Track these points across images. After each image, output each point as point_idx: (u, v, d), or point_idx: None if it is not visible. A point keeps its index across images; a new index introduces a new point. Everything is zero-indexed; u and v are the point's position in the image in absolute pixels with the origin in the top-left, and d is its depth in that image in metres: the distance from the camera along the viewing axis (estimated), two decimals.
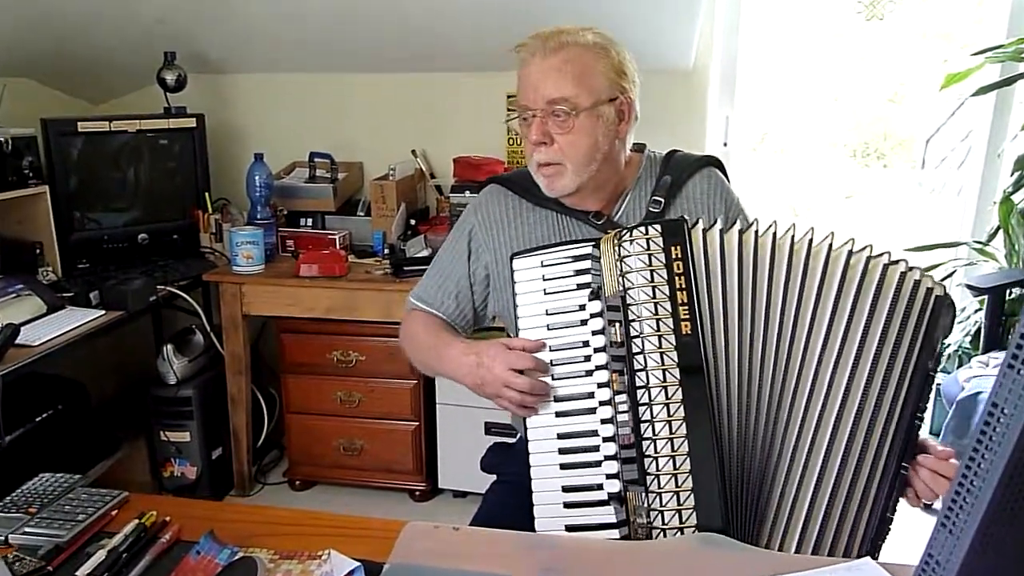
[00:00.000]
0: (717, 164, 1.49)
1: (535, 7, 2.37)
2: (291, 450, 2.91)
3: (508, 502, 1.41)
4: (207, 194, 2.90)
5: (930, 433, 2.80)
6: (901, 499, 1.17)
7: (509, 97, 2.91)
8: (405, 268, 2.59)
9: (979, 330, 2.65)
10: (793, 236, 1.17)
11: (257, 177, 2.79)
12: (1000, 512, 0.44)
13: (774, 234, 1.17)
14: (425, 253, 2.72)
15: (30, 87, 2.88)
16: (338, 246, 2.81)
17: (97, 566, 0.96)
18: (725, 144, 3.00)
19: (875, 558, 1.12)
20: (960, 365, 2.72)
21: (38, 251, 2.49)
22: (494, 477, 1.57)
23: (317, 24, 2.74)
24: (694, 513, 1.09)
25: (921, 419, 1.16)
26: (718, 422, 1.13)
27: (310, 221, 2.97)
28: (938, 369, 1.17)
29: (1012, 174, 2.66)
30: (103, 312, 2.32)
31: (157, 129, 2.81)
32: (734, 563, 0.99)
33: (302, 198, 2.96)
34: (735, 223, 1.21)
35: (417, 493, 2.84)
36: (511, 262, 1.28)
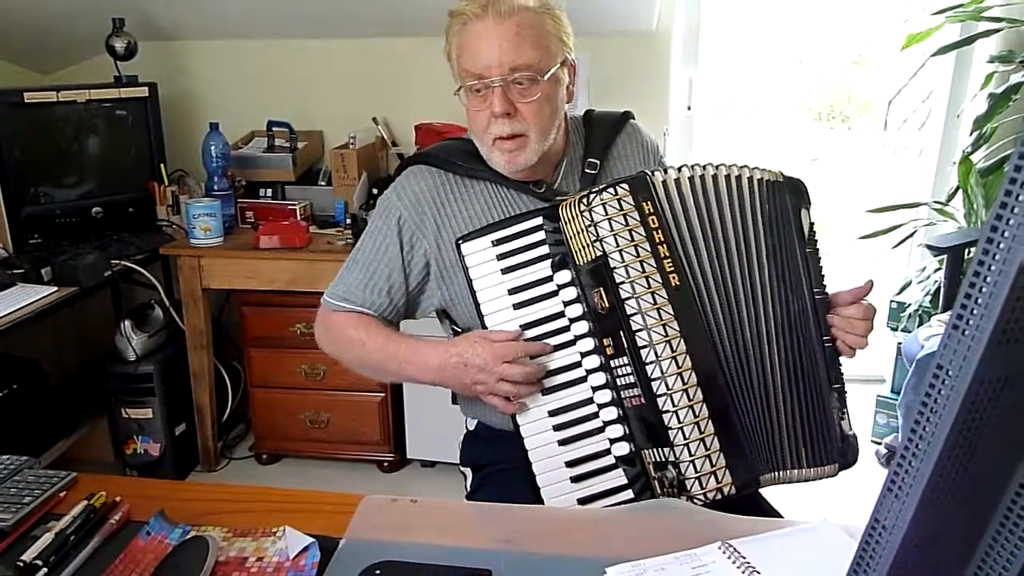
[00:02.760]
0: (632, 117, 1.49)
1: None
2: (257, 424, 2.88)
3: (499, 493, 1.31)
4: (163, 165, 2.82)
5: (891, 392, 2.85)
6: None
7: None
8: None
9: (939, 289, 2.68)
10: (733, 174, 1.22)
11: (213, 147, 2.73)
12: (945, 474, 0.44)
13: (724, 176, 1.22)
14: None
15: None
16: (299, 217, 2.76)
17: (43, 550, 0.93)
18: (689, 107, 2.98)
19: (843, 428, 1.24)
20: (920, 324, 2.75)
21: None
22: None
23: None
24: (721, 455, 1.12)
25: (822, 293, 1.25)
26: (725, 366, 1.16)
27: (269, 192, 2.91)
28: (815, 244, 1.26)
29: (971, 134, 2.67)
30: (55, 288, 2.27)
31: (108, 99, 2.72)
32: (691, 527, 0.99)
33: (261, 168, 2.90)
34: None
35: (386, 464, 2.83)
36: (458, 247, 1.21)
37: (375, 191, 2.85)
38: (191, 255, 2.61)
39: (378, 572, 0.89)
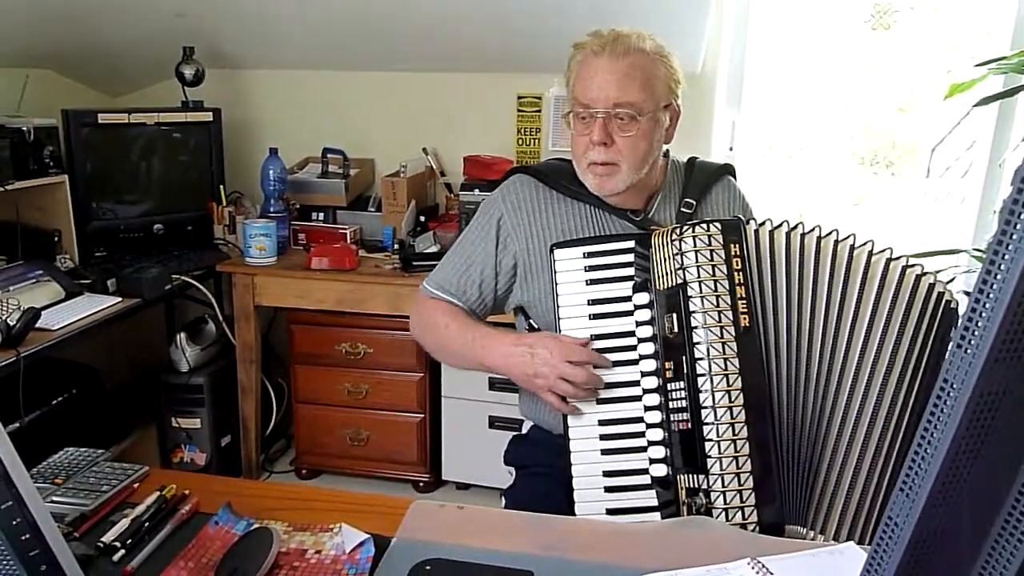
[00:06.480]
0: (732, 172, 1.57)
1: (544, 10, 2.42)
2: (298, 439, 2.97)
3: (535, 492, 1.43)
4: (222, 187, 2.96)
5: None
6: None
7: (520, 98, 2.97)
8: (414, 263, 2.64)
9: None
10: (836, 238, 1.24)
11: (271, 171, 2.85)
12: (950, 475, 0.49)
13: (818, 237, 1.24)
14: (434, 249, 2.77)
15: (52, 78, 2.94)
16: (349, 240, 2.86)
17: (121, 533, 1.02)
18: (731, 149, 3.04)
19: None
20: None
21: (56, 239, 2.56)
22: (504, 473, 1.58)
23: (333, 22, 2.80)
24: (753, 494, 1.15)
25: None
26: (776, 413, 1.19)
27: (322, 215, 3.03)
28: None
29: (1012, 183, 2.69)
30: (120, 299, 2.38)
31: (175, 122, 2.87)
32: (723, 543, 1.04)
33: (314, 192, 3.02)
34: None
35: (421, 484, 2.90)
36: (552, 252, 1.32)
37: (423, 218, 2.96)
38: (245, 273, 2.72)
39: (428, 568, 0.96)
